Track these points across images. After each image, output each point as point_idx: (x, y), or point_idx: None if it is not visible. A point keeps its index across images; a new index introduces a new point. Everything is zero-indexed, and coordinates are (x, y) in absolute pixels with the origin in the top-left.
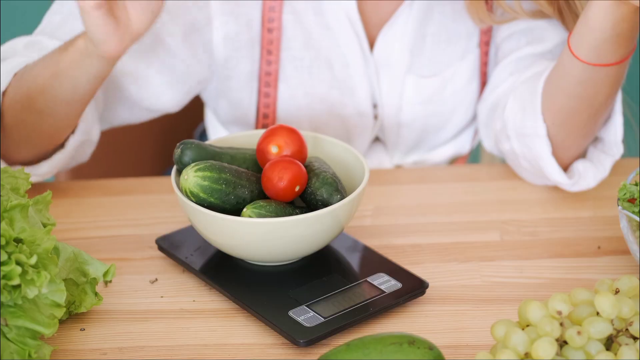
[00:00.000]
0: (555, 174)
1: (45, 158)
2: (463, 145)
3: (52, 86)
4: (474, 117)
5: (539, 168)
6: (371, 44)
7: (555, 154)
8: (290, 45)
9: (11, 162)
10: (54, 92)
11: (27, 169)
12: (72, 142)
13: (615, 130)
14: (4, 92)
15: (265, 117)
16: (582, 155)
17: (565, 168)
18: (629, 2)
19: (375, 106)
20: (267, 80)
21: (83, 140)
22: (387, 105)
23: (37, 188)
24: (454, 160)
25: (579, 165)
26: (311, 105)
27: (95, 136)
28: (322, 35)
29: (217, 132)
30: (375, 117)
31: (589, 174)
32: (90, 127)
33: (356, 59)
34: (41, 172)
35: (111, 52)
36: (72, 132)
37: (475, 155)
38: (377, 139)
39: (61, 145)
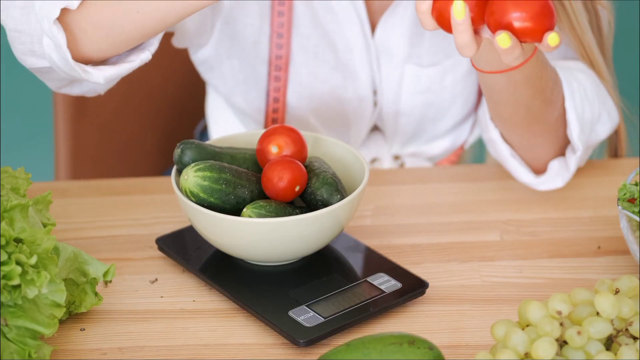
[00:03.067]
0: (520, 174)
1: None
2: (461, 137)
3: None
4: (472, 109)
5: (507, 170)
6: (374, 30)
7: (521, 155)
8: (299, 23)
9: (79, 57)
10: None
11: (91, 70)
12: (144, 57)
13: (570, 129)
14: None
15: (275, 102)
16: (562, 154)
17: (544, 167)
18: None
19: (375, 93)
20: (278, 64)
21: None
22: (386, 92)
23: (37, 188)
24: (452, 152)
25: (554, 164)
26: (313, 84)
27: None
28: (326, 17)
29: (218, 120)
30: (375, 103)
31: (560, 173)
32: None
33: (358, 43)
34: (107, 74)
35: None
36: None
37: (480, 155)
38: (376, 128)
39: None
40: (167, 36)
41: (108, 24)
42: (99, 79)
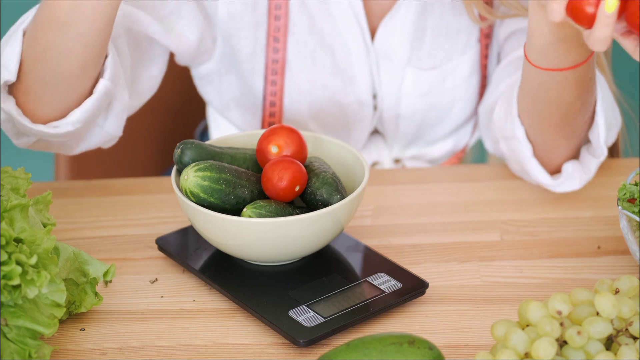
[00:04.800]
0: (538, 174)
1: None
2: (462, 140)
3: (59, 37)
4: (473, 112)
5: (524, 169)
6: (373, 34)
7: (540, 155)
8: (295, 30)
9: (41, 120)
10: (64, 39)
11: (58, 123)
12: (101, 87)
13: (597, 132)
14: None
15: (272, 105)
16: (575, 156)
17: (556, 168)
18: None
19: (375, 97)
20: (274, 68)
21: (111, 92)
22: (386, 96)
23: (37, 188)
24: (452, 155)
25: (568, 167)
26: (312, 91)
27: (125, 99)
28: (325, 22)
29: (219, 125)
30: (375, 107)
31: (576, 175)
32: (117, 78)
33: (358, 47)
34: (72, 119)
35: None
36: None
37: (481, 155)
38: (376, 132)
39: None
40: None
41: (47, 76)
42: (68, 127)
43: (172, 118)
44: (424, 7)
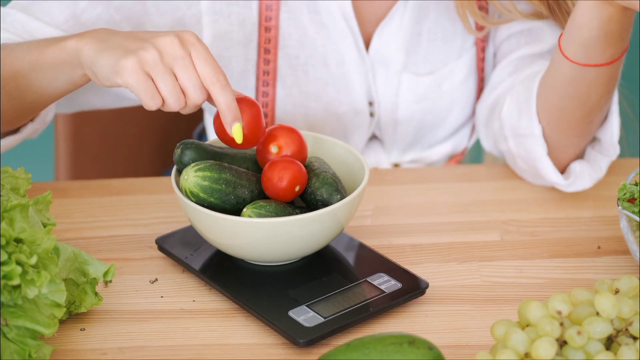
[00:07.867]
0: (551, 174)
1: None
2: (461, 143)
3: (28, 76)
4: (471, 115)
5: (535, 168)
6: (366, 42)
7: (551, 154)
8: (286, 44)
9: None
10: (28, 82)
11: None
12: (28, 130)
13: (611, 131)
14: None
15: (264, 117)
16: (580, 155)
17: (563, 168)
18: (616, 2)
19: (371, 103)
20: (265, 79)
21: (37, 130)
22: (383, 102)
23: (37, 188)
24: (451, 158)
25: (576, 166)
26: (306, 103)
27: (49, 118)
28: (317, 33)
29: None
30: (372, 114)
31: (585, 174)
32: (47, 110)
33: (352, 56)
34: None
35: None
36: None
37: (477, 155)
38: (374, 137)
39: (15, 130)
40: None
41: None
42: None
43: (170, 119)
44: (419, 12)
